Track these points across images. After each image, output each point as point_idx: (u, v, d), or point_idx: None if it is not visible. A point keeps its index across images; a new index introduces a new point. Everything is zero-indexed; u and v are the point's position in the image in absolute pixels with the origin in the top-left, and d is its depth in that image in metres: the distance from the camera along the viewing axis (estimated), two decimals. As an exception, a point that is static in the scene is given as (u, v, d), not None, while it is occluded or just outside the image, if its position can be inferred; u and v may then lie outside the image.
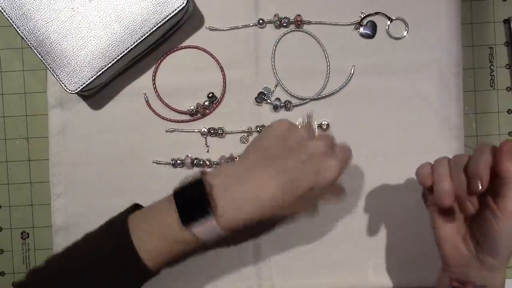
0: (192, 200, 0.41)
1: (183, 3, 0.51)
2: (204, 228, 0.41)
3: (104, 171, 0.58)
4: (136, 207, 0.47)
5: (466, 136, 0.59)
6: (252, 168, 0.43)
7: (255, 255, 0.58)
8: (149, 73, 0.57)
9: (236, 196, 0.41)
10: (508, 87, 0.60)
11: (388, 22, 0.57)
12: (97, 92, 0.57)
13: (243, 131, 0.58)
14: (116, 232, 0.43)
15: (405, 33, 0.57)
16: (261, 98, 0.57)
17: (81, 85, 0.52)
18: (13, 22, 0.51)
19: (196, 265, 0.58)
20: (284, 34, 0.57)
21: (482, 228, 0.43)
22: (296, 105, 0.57)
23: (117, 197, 0.55)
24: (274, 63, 0.57)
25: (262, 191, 0.41)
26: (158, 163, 0.58)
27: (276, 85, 0.57)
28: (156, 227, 0.42)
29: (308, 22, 0.57)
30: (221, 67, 0.57)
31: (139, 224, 0.43)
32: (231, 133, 0.58)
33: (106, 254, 0.42)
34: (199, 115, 0.58)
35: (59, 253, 0.45)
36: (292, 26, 0.57)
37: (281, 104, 0.57)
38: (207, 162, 0.57)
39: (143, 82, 0.57)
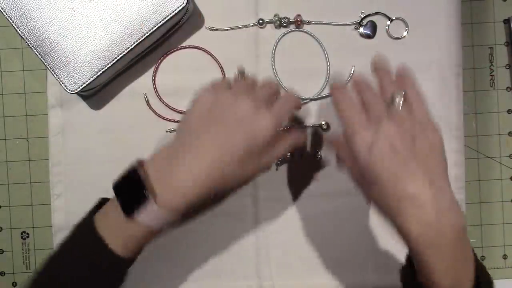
0: (128, 189, 0.41)
1: (183, 3, 0.51)
2: (147, 215, 0.41)
3: (104, 171, 0.57)
4: (102, 202, 0.46)
5: (466, 136, 0.59)
6: (182, 148, 0.42)
7: (255, 255, 0.58)
8: (149, 73, 0.57)
9: (171, 179, 0.41)
10: (508, 87, 0.60)
11: (388, 22, 0.57)
12: (97, 92, 0.57)
13: (243, 131, 0.58)
14: (83, 230, 0.44)
15: (405, 33, 0.57)
16: (261, 98, 0.57)
17: (81, 85, 0.52)
18: (13, 22, 0.51)
19: (196, 265, 0.58)
20: (284, 34, 0.57)
21: None
22: (296, 105, 0.57)
23: (117, 197, 0.55)
24: (274, 63, 0.57)
25: (193, 170, 0.41)
26: (158, 163, 0.58)
27: (276, 85, 0.57)
28: (113, 222, 0.42)
29: (308, 22, 0.57)
30: (221, 67, 0.57)
31: (100, 223, 0.43)
32: (231, 133, 0.58)
33: (78, 252, 0.43)
34: (199, 115, 0.58)
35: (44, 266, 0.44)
36: (292, 26, 0.57)
37: (281, 104, 0.57)
38: (207, 162, 0.57)
39: (143, 82, 0.57)
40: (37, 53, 0.52)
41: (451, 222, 0.39)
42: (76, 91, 0.52)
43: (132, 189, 0.41)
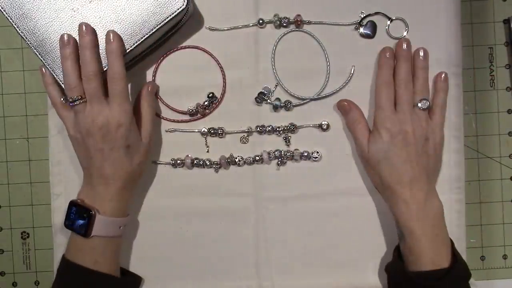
0: (76, 218, 0.50)
1: (183, 4, 0.51)
2: (99, 227, 0.50)
3: (104, 171, 0.58)
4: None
5: (466, 136, 0.59)
6: (89, 171, 0.51)
7: (255, 255, 0.58)
8: (149, 73, 0.57)
9: (98, 193, 0.51)
10: (508, 87, 0.60)
11: (388, 22, 0.57)
12: (97, 92, 0.57)
13: (243, 131, 0.58)
14: (62, 270, 0.52)
15: (405, 33, 0.57)
16: (261, 98, 0.57)
17: (81, 85, 0.52)
18: (13, 21, 0.51)
19: (196, 265, 0.58)
20: (284, 34, 0.57)
21: None
22: (296, 105, 0.57)
23: (117, 197, 0.55)
24: (274, 63, 0.57)
25: (107, 178, 0.50)
26: (158, 163, 0.58)
27: (276, 85, 0.57)
28: (80, 248, 0.51)
29: (308, 22, 0.57)
30: (221, 67, 0.57)
31: (70, 256, 0.51)
32: (231, 133, 0.58)
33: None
34: (199, 115, 0.58)
35: None
36: (292, 26, 0.57)
37: (281, 104, 0.57)
38: (207, 162, 0.57)
39: (143, 82, 0.57)
40: (37, 53, 0.52)
41: (434, 206, 0.52)
42: (76, 91, 0.52)
43: (78, 217, 0.50)
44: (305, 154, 0.57)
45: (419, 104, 0.52)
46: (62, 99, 0.52)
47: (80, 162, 0.53)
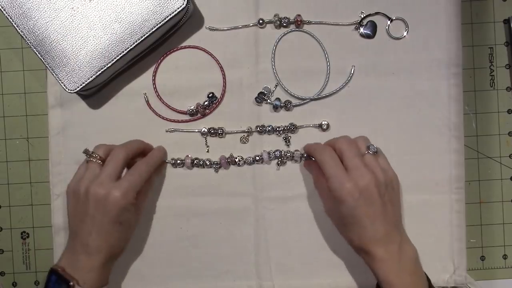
0: (56, 287, 0.49)
1: (183, 3, 0.51)
2: None
3: (104, 171, 0.57)
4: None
5: (466, 136, 0.59)
6: (75, 241, 0.50)
7: (255, 255, 0.58)
8: (149, 73, 0.57)
9: (80, 264, 0.50)
10: (508, 87, 0.60)
11: (388, 22, 0.57)
12: (97, 92, 0.57)
13: (243, 131, 0.58)
14: None
15: (405, 33, 0.57)
16: (261, 98, 0.57)
17: (80, 85, 0.52)
18: (13, 21, 0.51)
19: (196, 265, 0.58)
20: (284, 34, 0.57)
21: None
22: (296, 105, 0.57)
23: (117, 197, 0.55)
24: (274, 63, 0.57)
25: (90, 253, 0.50)
26: (158, 163, 0.58)
27: (276, 85, 0.57)
28: None
29: (308, 22, 0.57)
30: (221, 67, 0.57)
31: None
32: (231, 133, 0.58)
33: None
34: (199, 115, 0.58)
35: None
36: (292, 26, 0.57)
37: (281, 104, 0.57)
38: (207, 162, 0.57)
39: (143, 82, 0.57)
40: (36, 52, 0.52)
41: (409, 253, 0.50)
42: (75, 90, 0.52)
43: (58, 287, 0.49)
44: (305, 154, 0.57)
45: (368, 151, 0.51)
46: (84, 150, 0.53)
47: (68, 222, 0.52)
